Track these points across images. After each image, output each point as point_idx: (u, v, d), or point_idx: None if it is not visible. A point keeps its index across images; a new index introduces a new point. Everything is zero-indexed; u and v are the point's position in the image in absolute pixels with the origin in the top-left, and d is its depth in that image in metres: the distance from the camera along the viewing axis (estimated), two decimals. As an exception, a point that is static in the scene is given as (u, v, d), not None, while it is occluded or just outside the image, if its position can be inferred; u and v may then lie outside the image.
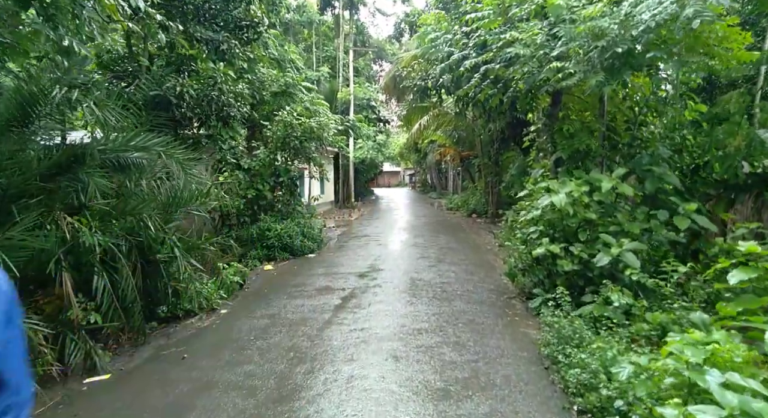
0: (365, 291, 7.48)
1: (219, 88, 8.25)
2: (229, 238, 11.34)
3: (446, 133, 21.97)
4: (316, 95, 14.03)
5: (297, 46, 30.95)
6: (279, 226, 11.30)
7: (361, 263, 9.96)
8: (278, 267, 10.23)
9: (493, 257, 11.08)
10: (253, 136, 14.35)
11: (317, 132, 12.37)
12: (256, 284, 8.56)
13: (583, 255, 5.91)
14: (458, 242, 13.40)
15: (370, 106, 32.91)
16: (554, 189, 6.16)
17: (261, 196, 11.80)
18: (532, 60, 7.35)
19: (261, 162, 11.98)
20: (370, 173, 39.60)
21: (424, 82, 15.55)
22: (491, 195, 19.49)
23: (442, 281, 8.20)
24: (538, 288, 6.58)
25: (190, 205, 6.37)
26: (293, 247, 11.18)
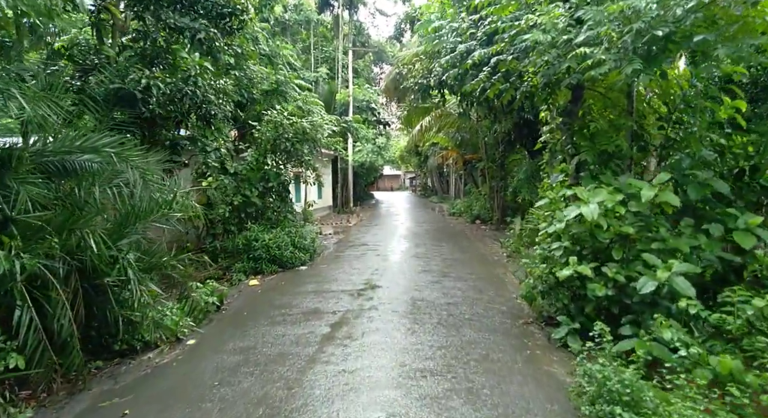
0: (359, 315, 6.46)
1: (194, 82, 7.25)
2: (213, 249, 10.41)
3: (448, 136, 20.98)
4: (309, 94, 13.06)
5: (294, 46, 30.05)
6: (267, 235, 10.30)
7: (357, 278, 8.94)
8: (264, 282, 9.22)
9: (502, 270, 10.06)
10: (243, 138, 13.39)
11: (310, 133, 11.40)
12: (236, 304, 7.54)
13: (619, 278, 4.90)
14: (463, 252, 12.38)
15: (369, 109, 31.92)
16: (584, 198, 5.15)
17: (249, 203, 10.82)
18: (552, 48, 6.35)
19: (249, 166, 10.99)
20: (369, 177, 38.65)
21: (426, 80, 14.58)
22: (496, 200, 18.48)
23: (448, 302, 7.18)
24: (562, 315, 5.56)
25: (151, 217, 5.36)
26: (282, 259, 10.17)
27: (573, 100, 7.45)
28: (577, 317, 5.41)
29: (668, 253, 4.95)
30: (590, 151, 6.59)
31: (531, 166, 15.10)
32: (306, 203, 16.34)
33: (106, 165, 5.25)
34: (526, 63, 7.39)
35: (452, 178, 37.16)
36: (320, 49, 34.16)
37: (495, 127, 16.16)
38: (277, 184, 11.24)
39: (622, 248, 5.18)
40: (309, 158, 11.55)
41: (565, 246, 5.44)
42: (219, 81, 8.45)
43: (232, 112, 9.15)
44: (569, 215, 5.11)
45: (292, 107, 11.35)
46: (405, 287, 8.21)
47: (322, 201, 26.61)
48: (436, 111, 17.56)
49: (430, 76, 14.66)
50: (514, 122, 15.20)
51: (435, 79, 14.49)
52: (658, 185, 5.03)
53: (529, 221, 11.84)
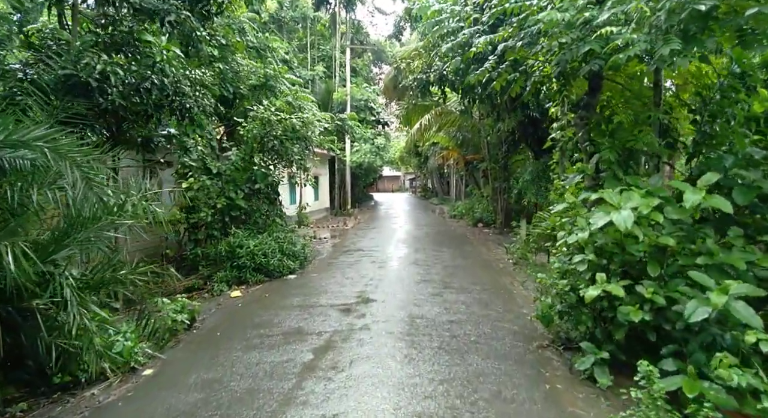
0: (348, 338, 5.60)
1: (161, 69, 6.40)
2: (194, 256, 9.57)
3: (449, 135, 20.15)
4: (300, 89, 12.20)
5: (290, 43, 29.23)
6: (253, 241, 9.45)
7: (349, 290, 8.08)
8: (248, 293, 8.36)
9: (509, 279, 9.20)
10: (231, 137, 12.56)
11: (301, 131, 10.55)
12: (211, 321, 6.68)
13: (658, 299, 4.04)
14: (465, 258, 11.53)
15: (368, 108, 31.12)
16: (613, 203, 4.30)
17: (233, 206, 9.98)
18: (569, 29, 5.51)
19: (234, 166, 10.14)
20: (368, 178, 37.77)
21: (426, 75, 13.74)
22: (500, 203, 17.64)
23: (450, 320, 6.32)
24: (585, 341, 4.71)
25: (99, 224, 4.51)
26: (269, 267, 9.31)
27: (590, 92, 6.59)
28: (604, 344, 4.55)
29: (716, 269, 4.10)
30: (613, 149, 5.74)
31: (537, 167, 14.26)
32: (300, 206, 15.48)
33: (43, 163, 4.40)
34: (537, 49, 6.56)
35: (453, 180, 36.33)
36: (317, 47, 33.35)
37: (498, 125, 15.32)
38: (264, 185, 10.39)
39: (659, 262, 4.32)
40: (299, 157, 10.69)
41: (589, 260, 4.58)
42: (195, 71, 7.59)
43: (212, 106, 8.29)
44: (597, 223, 4.26)
45: (281, 103, 10.51)
46: (402, 300, 7.35)
47: (318, 203, 25.78)
48: (436, 109, 16.73)
49: (430, 71, 13.84)
50: (519, 120, 14.36)
51: (435, 74, 13.66)
52: (704, 188, 4.18)
53: (537, 225, 11.00)
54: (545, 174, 14.08)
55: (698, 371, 3.71)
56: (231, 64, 10.78)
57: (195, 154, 9.62)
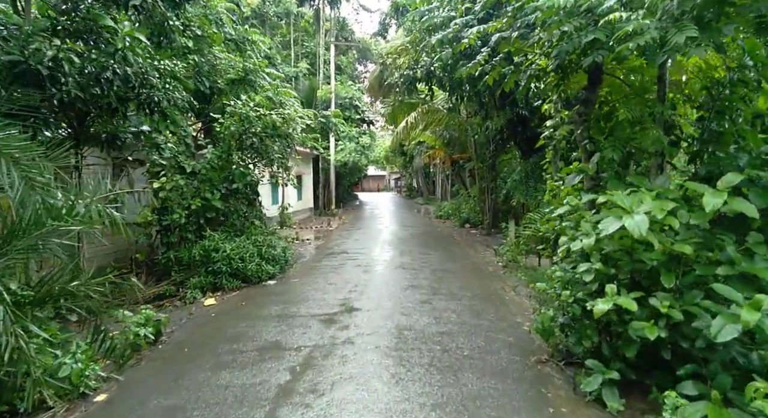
0: (330, 354, 5.09)
1: (123, 57, 5.79)
2: (167, 260, 8.95)
3: (436, 134, 19.73)
4: (281, 84, 11.61)
5: (273, 39, 28.50)
6: (229, 245, 8.86)
7: (332, 298, 7.57)
8: (223, 301, 7.79)
9: (500, 284, 8.78)
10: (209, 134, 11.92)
11: (282, 128, 9.98)
12: (179, 334, 6.10)
13: (675, 314, 3.63)
14: (454, 261, 11.09)
15: (353, 106, 30.63)
16: (625, 206, 3.86)
17: (209, 207, 9.37)
18: (570, 17, 5.09)
19: (209, 164, 9.53)
20: (353, 177, 37.26)
21: (413, 71, 13.30)
22: (487, 203, 17.27)
23: (441, 331, 5.85)
24: (591, 358, 4.27)
25: (39, 231, 3.92)
26: (246, 272, 8.74)
27: (590, 86, 6.18)
28: (612, 361, 4.13)
29: (738, 280, 3.70)
30: (617, 147, 5.33)
31: (526, 167, 13.92)
32: (280, 206, 14.88)
33: None
34: (533, 40, 6.14)
35: (439, 179, 36.04)
36: (301, 44, 32.68)
37: (487, 123, 14.93)
38: (242, 185, 9.80)
39: (673, 272, 3.91)
40: (280, 156, 10.12)
41: (596, 269, 4.15)
42: (164, 62, 6.98)
43: (184, 100, 7.69)
44: (607, 228, 3.82)
45: (261, 98, 9.92)
46: (389, 309, 6.85)
47: (302, 203, 25.16)
48: (423, 107, 16.28)
49: (417, 67, 13.40)
50: (508, 119, 13.99)
51: (422, 70, 13.22)
52: (725, 190, 3.77)
53: (527, 226, 10.63)
54: (534, 174, 13.75)
55: (723, 395, 3.30)
56: (207, 57, 10.17)
57: (167, 152, 9.00)
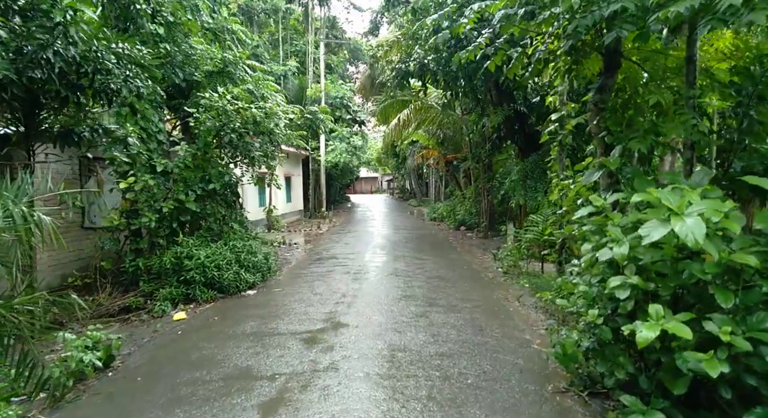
0: (309, 384, 4.27)
1: (64, 32, 4.93)
2: (135, 269, 8.08)
3: (429, 133, 19.00)
4: (263, 76, 10.77)
5: (260, 37, 27.66)
6: (204, 251, 8.02)
7: (316, 311, 6.75)
8: (194, 315, 6.95)
9: (502, 293, 8.01)
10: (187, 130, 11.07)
11: (264, 124, 9.16)
12: (137, 357, 5.26)
13: (741, 343, 2.87)
14: (451, 267, 10.32)
15: (344, 106, 29.90)
16: (675, 209, 3.10)
17: (183, 210, 8.52)
18: (592, -14, 4.34)
19: (183, 163, 8.68)
20: (345, 179, 36.45)
21: (405, 65, 12.53)
22: (483, 204, 16.55)
23: (440, 352, 5.06)
24: (624, 391, 3.50)
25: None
26: (222, 282, 7.91)
27: (607, 71, 5.43)
28: (655, 398, 3.36)
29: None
30: (644, 138, 4.58)
31: (525, 167, 13.19)
32: (266, 209, 14.02)
33: None
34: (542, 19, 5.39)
35: (432, 180, 35.37)
36: (290, 43, 31.90)
37: (483, 121, 14.21)
38: (220, 186, 8.95)
39: (730, 288, 3.15)
40: (261, 154, 9.29)
41: (632, 283, 3.38)
42: (123, 45, 6.14)
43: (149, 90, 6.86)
44: (651, 234, 3.05)
45: (239, 90, 9.08)
46: (379, 325, 6.05)
47: (291, 205, 24.34)
48: (416, 103, 15.51)
49: (410, 60, 12.64)
50: (506, 116, 13.25)
51: (415, 63, 12.47)
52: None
53: (529, 229, 9.89)
54: (534, 174, 13.03)
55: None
56: (182, 46, 9.32)
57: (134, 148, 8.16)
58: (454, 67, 11.48)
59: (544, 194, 12.39)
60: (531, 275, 9.22)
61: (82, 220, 9.63)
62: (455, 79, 12.31)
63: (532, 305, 7.25)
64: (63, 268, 8.91)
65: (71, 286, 8.26)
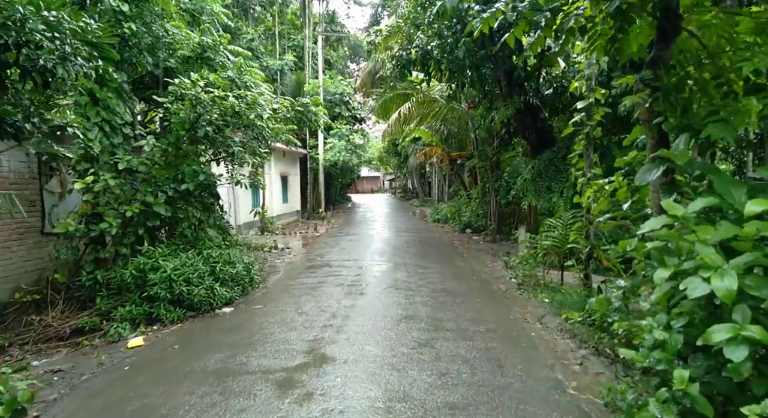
0: (272, 461, 3.12)
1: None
2: (92, 282, 6.96)
3: (432, 129, 17.82)
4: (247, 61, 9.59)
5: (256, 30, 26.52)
6: (172, 262, 6.88)
7: (298, 338, 5.59)
8: (154, 342, 5.80)
9: (519, 311, 6.85)
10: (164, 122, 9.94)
11: (245, 115, 8.00)
12: (61, 408, 4.10)
13: None
14: (458, 277, 9.15)
15: (343, 102, 28.79)
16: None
17: (150, 214, 7.39)
18: None
19: (151, 160, 7.54)
20: (345, 178, 35.29)
21: (407, 52, 11.36)
22: (491, 206, 15.37)
23: (451, 402, 3.90)
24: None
25: None
26: (192, 299, 6.76)
27: (661, 40, 4.25)
28: None
29: None
30: (728, 124, 3.40)
31: (537, 164, 12.00)
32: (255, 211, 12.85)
33: None
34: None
35: (435, 180, 34.19)
36: (288, 37, 30.73)
37: (492, 114, 13.02)
38: (195, 186, 7.79)
39: None
40: (241, 149, 8.14)
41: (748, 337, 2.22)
42: (58, 13, 4.98)
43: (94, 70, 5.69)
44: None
45: (216, 77, 7.93)
46: (374, 359, 4.88)
47: (287, 206, 23.21)
48: (418, 96, 14.32)
49: (411, 47, 11.47)
50: (516, 109, 12.06)
51: (418, 50, 11.31)
52: None
53: (547, 234, 8.70)
54: (548, 172, 11.85)
55: None
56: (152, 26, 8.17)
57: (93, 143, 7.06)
58: (460, 53, 10.35)
59: (560, 195, 11.24)
60: (550, 288, 8.06)
61: (42, 224, 8.48)
62: (461, 68, 11.14)
63: (556, 328, 6.08)
64: (17, 280, 7.74)
65: (20, 302, 7.15)
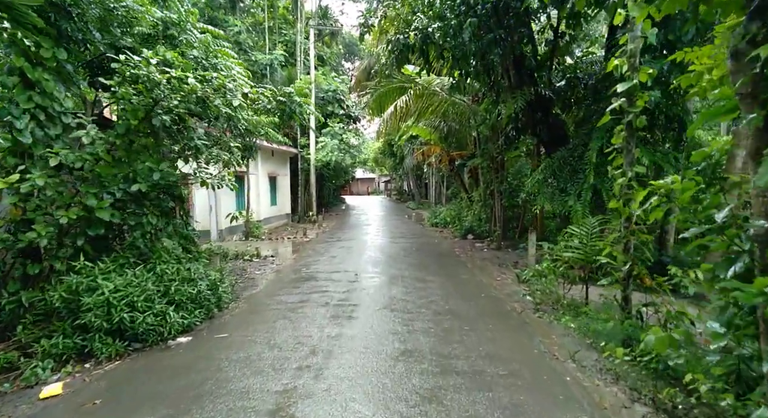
0: None
1: None
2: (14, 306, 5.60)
3: (431, 126, 16.53)
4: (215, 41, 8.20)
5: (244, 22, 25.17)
6: (113, 282, 5.52)
7: (262, 388, 4.24)
8: (78, 389, 4.44)
9: (545, 342, 5.53)
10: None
11: (210, 101, 6.65)
12: None
13: None
14: (464, 295, 7.84)
15: (337, 100, 27.50)
16: None
17: (92, 221, 6.04)
18: None
19: (93, 156, 6.18)
20: (339, 180, 33.91)
21: (404, 36, 10.04)
22: (495, 210, 14.08)
23: None
24: None
25: None
26: (136, 328, 5.39)
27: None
28: None
29: None
30: None
31: (551, 163, 10.70)
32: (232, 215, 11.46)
33: None
34: None
35: (432, 181, 32.93)
36: (279, 32, 29.42)
37: (498, 108, 11.72)
38: (148, 187, 6.42)
39: None
40: (205, 142, 6.80)
41: None
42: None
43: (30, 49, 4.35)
44: None
45: (174, 55, 6.59)
46: (362, 424, 3.56)
47: (276, 209, 21.86)
48: (416, 88, 12.98)
49: (410, 30, 10.17)
50: (527, 101, 10.77)
51: (417, 34, 10.01)
52: None
53: (570, 245, 7.41)
54: (562, 172, 10.57)
55: None
56: None
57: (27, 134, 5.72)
58: (466, 36, 9.06)
59: (577, 198, 9.95)
60: (573, 309, 6.78)
61: (-30, 233, 7.06)
62: (466, 55, 9.85)
63: (595, 368, 4.80)
64: None
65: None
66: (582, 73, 11.80)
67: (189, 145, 6.75)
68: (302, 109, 9.44)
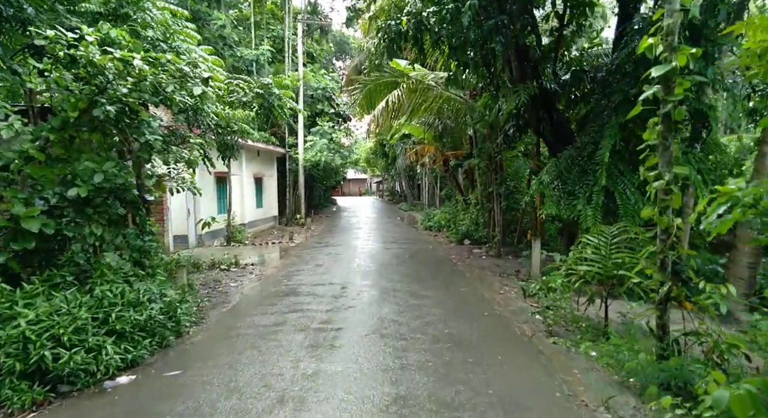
0: None
1: None
2: None
3: (425, 124, 15.54)
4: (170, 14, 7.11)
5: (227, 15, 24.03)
6: (34, 310, 4.44)
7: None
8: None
9: (567, 380, 4.53)
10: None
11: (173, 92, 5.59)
12: None
13: None
14: (465, 314, 6.83)
15: (326, 98, 26.51)
16: None
17: (19, 233, 4.97)
18: None
19: (21, 154, 5.10)
20: (330, 180, 32.81)
21: (396, 22, 9.03)
22: (494, 213, 13.11)
23: None
24: None
25: None
26: (61, 368, 4.31)
27: None
28: None
29: None
30: None
31: (558, 164, 9.71)
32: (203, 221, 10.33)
33: None
34: None
35: (425, 182, 31.96)
36: (267, 28, 28.33)
37: (499, 103, 10.74)
38: (90, 190, 5.34)
39: None
40: (157, 138, 5.73)
41: None
42: None
43: None
44: None
45: (121, 33, 5.52)
46: None
47: (262, 211, 20.76)
48: (409, 82, 11.95)
49: (402, 15, 9.17)
50: (530, 95, 9.78)
51: (410, 19, 9.01)
52: None
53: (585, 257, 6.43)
54: (570, 174, 9.60)
55: None
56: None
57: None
58: (465, 20, 8.07)
59: (587, 202, 8.99)
60: (592, 333, 5.81)
61: None
62: (464, 43, 8.87)
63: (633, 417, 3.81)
64: None
65: None
66: (587, 65, 10.89)
67: (139, 142, 5.67)
68: (282, 103, 8.41)
